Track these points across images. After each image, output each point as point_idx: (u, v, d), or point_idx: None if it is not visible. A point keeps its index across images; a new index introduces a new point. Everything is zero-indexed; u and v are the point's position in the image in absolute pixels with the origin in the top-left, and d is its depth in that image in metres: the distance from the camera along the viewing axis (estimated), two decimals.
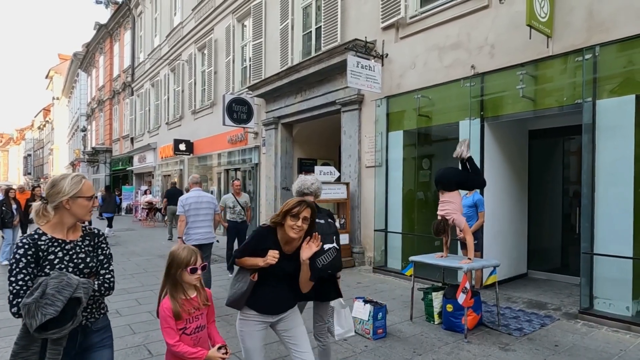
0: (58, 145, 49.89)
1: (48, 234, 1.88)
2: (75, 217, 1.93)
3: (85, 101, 32.70)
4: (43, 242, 1.85)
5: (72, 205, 1.90)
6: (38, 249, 1.82)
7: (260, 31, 11.07)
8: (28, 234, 1.88)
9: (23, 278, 1.76)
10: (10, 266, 1.77)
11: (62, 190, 1.88)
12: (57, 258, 1.86)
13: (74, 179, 1.93)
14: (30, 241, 1.82)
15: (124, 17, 23.33)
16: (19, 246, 1.79)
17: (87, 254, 1.96)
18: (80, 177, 1.96)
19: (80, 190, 1.91)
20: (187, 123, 15.69)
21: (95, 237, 2.05)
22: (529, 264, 6.91)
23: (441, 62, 6.65)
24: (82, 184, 1.93)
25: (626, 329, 4.38)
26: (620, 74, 4.70)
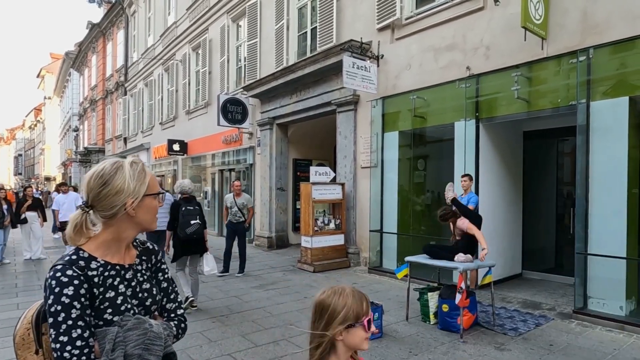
0: (49, 145, 49.40)
1: (98, 258, 1.22)
2: (139, 227, 1.29)
3: (77, 101, 32.43)
4: (95, 272, 1.19)
5: (138, 209, 1.25)
6: (91, 283, 1.17)
7: (255, 31, 11.04)
8: (66, 259, 1.17)
9: (81, 335, 1.10)
10: (53, 316, 1.10)
11: (124, 189, 1.21)
12: (120, 295, 1.22)
13: (135, 169, 1.26)
14: (78, 272, 1.14)
15: (117, 17, 23.17)
16: (62, 281, 1.11)
17: (150, 283, 1.35)
18: (141, 164, 1.29)
19: (148, 185, 1.27)
20: (181, 123, 15.60)
21: (152, 256, 1.40)
22: (524, 264, 6.95)
23: (436, 63, 6.67)
24: (147, 175, 1.28)
25: (620, 329, 4.42)
26: (613, 76, 4.75)
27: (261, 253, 9.86)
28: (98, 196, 1.21)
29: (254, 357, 3.86)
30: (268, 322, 4.83)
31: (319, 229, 7.92)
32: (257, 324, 4.77)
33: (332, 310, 1.28)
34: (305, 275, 7.32)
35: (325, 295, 1.31)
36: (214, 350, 4.02)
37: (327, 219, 8.14)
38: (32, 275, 7.47)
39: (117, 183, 1.21)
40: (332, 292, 1.33)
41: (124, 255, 1.30)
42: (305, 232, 7.83)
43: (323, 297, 1.31)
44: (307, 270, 7.65)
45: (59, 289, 1.11)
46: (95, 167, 1.25)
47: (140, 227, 1.30)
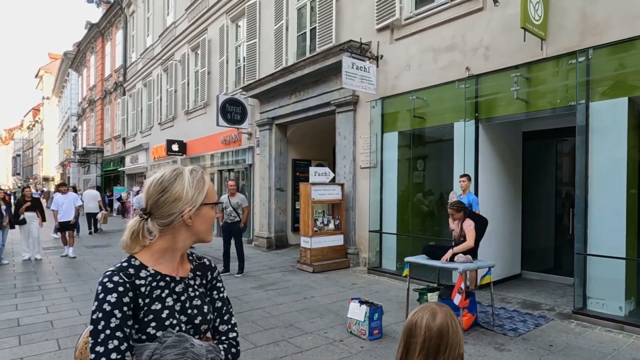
0: (48, 146, 49.35)
1: (149, 267, 1.17)
2: (195, 237, 1.24)
3: (76, 101, 32.39)
4: (143, 281, 1.13)
5: (195, 219, 1.20)
6: (137, 293, 1.11)
7: (255, 32, 11.04)
8: (117, 265, 1.15)
9: (118, 347, 1.03)
10: (94, 323, 1.05)
11: (183, 196, 1.18)
12: (166, 308, 1.15)
13: (195, 177, 1.23)
14: (125, 279, 1.10)
15: (115, 17, 23.14)
16: (107, 287, 1.07)
17: (202, 300, 1.26)
18: (200, 172, 1.26)
19: (206, 194, 1.23)
20: (180, 123, 15.59)
21: (209, 272, 1.33)
22: (523, 265, 6.96)
23: (436, 63, 6.68)
24: (206, 184, 1.24)
25: (619, 329, 4.42)
26: (613, 77, 4.75)
27: (260, 253, 9.85)
28: (156, 203, 1.18)
29: (254, 357, 3.86)
30: (267, 322, 4.83)
31: (319, 229, 7.92)
32: (256, 324, 4.77)
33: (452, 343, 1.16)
34: (304, 276, 7.32)
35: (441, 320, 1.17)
36: None
37: (327, 219, 8.14)
38: (30, 276, 7.45)
39: (175, 190, 1.18)
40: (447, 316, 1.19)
41: (177, 267, 1.23)
42: (305, 232, 7.83)
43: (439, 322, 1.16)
44: (306, 270, 7.64)
45: (103, 295, 1.06)
46: (156, 174, 1.24)
47: (196, 238, 1.24)
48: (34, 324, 4.79)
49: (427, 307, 1.20)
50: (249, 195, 11.56)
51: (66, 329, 4.61)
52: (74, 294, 6.13)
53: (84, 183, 27.52)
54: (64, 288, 6.53)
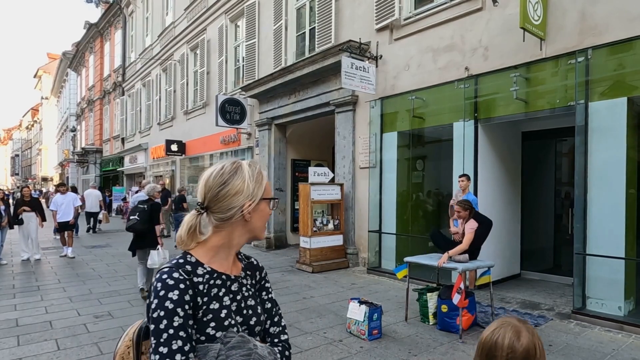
0: (47, 146, 49.30)
1: (205, 264, 1.11)
2: (251, 234, 1.19)
3: (74, 101, 32.35)
4: (201, 279, 1.08)
5: (253, 214, 1.15)
6: (196, 291, 1.06)
7: (254, 32, 11.03)
8: (173, 262, 1.09)
9: (182, 348, 0.98)
10: (155, 322, 0.99)
11: (244, 189, 1.13)
12: (224, 308, 1.10)
13: (254, 170, 1.17)
14: (185, 275, 1.05)
15: (114, 17, 23.12)
16: (167, 284, 1.02)
17: (255, 301, 1.21)
18: (258, 166, 1.21)
19: (264, 188, 1.18)
20: (179, 123, 15.58)
21: (257, 272, 1.28)
22: (522, 265, 6.96)
23: (435, 63, 6.68)
24: (264, 178, 1.20)
25: (618, 329, 4.43)
26: (612, 77, 4.76)
27: (260, 254, 9.84)
28: (216, 196, 1.12)
29: None
30: None
31: (318, 229, 7.91)
32: None
33: None
34: (304, 276, 7.31)
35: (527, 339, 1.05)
36: None
37: (326, 219, 8.14)
38: (29, 276, 7.43)
39: (236, 183, 1.12)
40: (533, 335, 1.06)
41: (230, 265, 1.18)
42: (304, 232, 7.83)
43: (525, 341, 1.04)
44: (305, 270, 7.64)
45: (164, 292, 1.00)
46: (214, 167, 1.17)
47: (251, 234, 1.19)
48: (33, 324, 4.78)
49: (508, 323, 1.06)
50: None
51: (65, 329, 4.60)
52: (73, 294, 6.12)
53: (83, 183, 27.49)
54: (63, 288, 6.51)
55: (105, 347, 4.10)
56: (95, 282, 6.96)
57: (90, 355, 3.92)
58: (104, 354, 3.94)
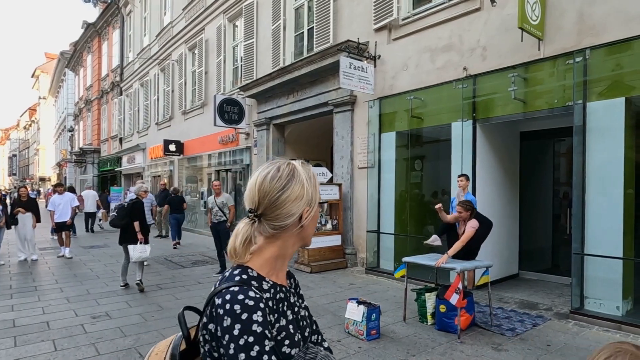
0: (44, 146, 49.19)
1: (266, 278, 1.02)
2: (302, 241, 1.10)
3: (72, 101, 32.27)
4: (268, 294, 1.00)
5: (309, 221, 1.07)
6: (267, 308, 0.97)
7: (252, 31, 11.02)
8: (237, 279, 0.97)
9: None
10: (244, 350, 0.87)
11: (303, 195, 1.03)
12: (290, 323, 1.02)
13: (308, 172, 1.07)
14: (259, 294, 0.95)
15: (112, 16, 23.07)
16: (248, 305, 0.90)
17: (306, 311, 1.15)
18: (309, 166, 1.10)
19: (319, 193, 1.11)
20: (177, 123, 15.55)
21: (292, 279, 1.19)
22: (521, 265, 6.97)
23: (433, 63, 6.68)
24: (317, 180, 1.11)
25: (616, 329, 4.43)
26: (610, 77, 4.76)
27: None
28: (274, 203, 1.01)
29: None
30: None
31: (316, 229, 7.90)
32: None
33: None
34: (302, 276, 7.30)
35: None
36: None
37: (324, 219, 8.13)
38: (27, 277, 7.41)
39: (296, 188, 1.02)
40: None
41: (281, 275, 1.09)
42: None
43: None
44: (304, 270, 7.63)
45: (247, 315, 0.88)
46: (266, 169, 1.05)
47: (303, 242, 1.09)
48: (30, 325, 4.76)
49: (625, 351, 0.86)
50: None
51: (62, 330, 4.58)
52: (70, 295, 6.10)
53: (81, 183, 27.43)
54: (60, 288, 6.49)
55: (103, 347, 4.08)
56: (92, 282, 6.94)
57: (88, 356, 3.90)
58: (101, 354, 3.93)
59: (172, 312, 5.22)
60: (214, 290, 0.95)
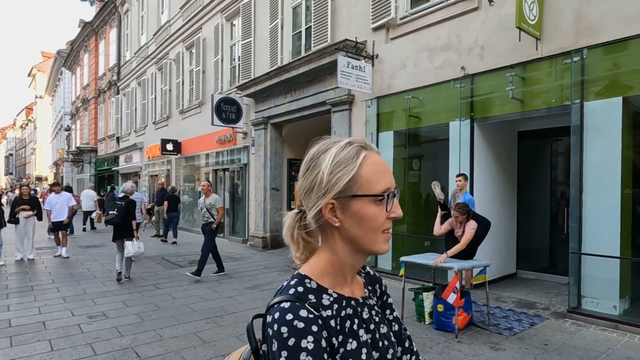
0: (41, 145, 49.00)
1: (329, 289, 0.84)
2: (352, 245, 0.85)
3: (69, 100, 32.14)
4: (329, 311, 0.81)
5: (345, 217, 0.82)
6: (328, 329, 0.79)
7: (250, 30, 10.99)
8: (291, 292, 0.81)
9: None
10: None
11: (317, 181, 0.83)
12: (362, 345, 0.83)
13: (344, 153, 0.83)
14: (314, 312, 0.78)
15: (109, 15, 22.99)
16: (296, 329, 0.74)
17: (386, 325, 0.92)
18: (355, 147, 0.84)
19: (357, 180, 0.81)
20: (175, 123, 15.51)
21: (376, 285, 0.99)
22: (518, 264, 6.98)
23: (431, 63, 6.68)
24: (358, 165, 0.82)
25: (613, 328, 4.44)
26: (607, 77, 4.77)
27: (256, 253, 9.82)
28: (301, 187, 0.86)
29: None
30: None
31: None
32: None
33: None
34: None
35: None
36: (208, 351, 3.99)
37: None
38: (23, 276, 7.37)
39: (315, 171, 0.83)
40: None
41: (351, 284, 0.89)
42: None
43: None
44: None
45: (295, 341, 0.73)
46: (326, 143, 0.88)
47: (353, 246, 0.84)
48: (26, 325, 4.73)
49: None
50: (244, 194, 11.53)
51: (58, 330, 4.56)
52: (66, 294, 6.07)
53: (78, 183, 27.33)
54: (57, 288, 6.46)
55: (99, 347, 4.07)
56: (89, 282, 6.91)
57: (84, 355, 3.88)
58: (98, 354, 3.91)
59: (169, 312, 5.21)
60: (269, 303, 0.81)
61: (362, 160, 0.81)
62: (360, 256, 0.86)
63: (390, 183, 0.83)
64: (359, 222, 0.82)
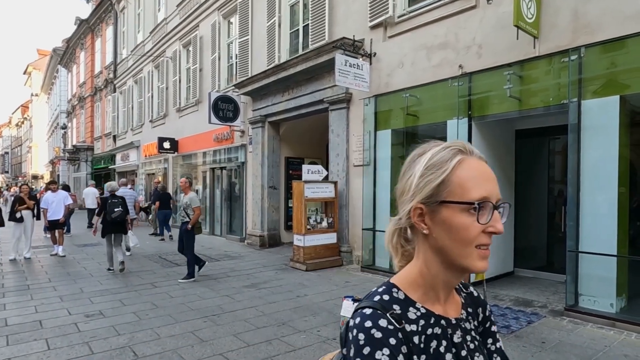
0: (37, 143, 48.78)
1: (417, 303, 0.79)
2: (442, 257, 0.78)
3: (65, 98, 32.00)
4: (414, 326, 0.76)
5: (433, 225, 0.77)
6: (410, 346, 0.73)
7: (247, 28, 10.96)
8: (376, 299, 0.77)
9: None
10: None
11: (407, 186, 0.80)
12: None
13: (440, 156, 0.78)
14: (395, 324, 0.73)
15: (105, 12, 22.88)
16: (373, 338, 0.70)
17: (483, 354, 0.84)
18: (453, 149, 0.78)
19: (447, 185, 0.76)
20: (172, 121, 15.45)
21: (479, 309, 0.90)
22: (515, 262, 6.99)
23: (429, 61, 6.67)
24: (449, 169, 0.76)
25: (610, 325, 4.46)
26: (604, 75, 4.78)
27: (253, 252, 9.80)
28: (397, 190, 0.82)
29: (246, 356, 3.82)
30: (260, 321, 4.79)
31: (312, 227, 7.89)
32: (249, 323, 4.73)
33: None
34: (297, 274, 7.29)
35: None
36: (206, 349, 3.98)
37: (320, 217, 8.12)
38: (20, 275, 7.34)
39: (409, 174, 0.80)
40: None
41: (444, 302, 0.81)
42: (298, 230, 7.80)
43: None
44: (299, 269, 7.62)
45: (370, 351, 0.69)
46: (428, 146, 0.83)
47: (443, 258, 0.77)
48: (23, 324, 4.71)
49: None
50: (242, 193, 11.51)
51: (55, 329, 4.53)
52: (63, 293, 6.04)
53: (75, 181, 27.22)
54: (54, 287, 6.43)
55: (96, 346, 4.05)
56: (86, 280, 6.88)
57: (81, 354, 3.87)
58: (95, 353, 3.89)
59: (166, 311, 5.19)
60: (356, 307, 0.77)
61: (456, 164, 0.76)
62: (453, 271, 0.78)
63: (490, 192, 0.76)
64: (448, 231, 0.75)
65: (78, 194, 20.44)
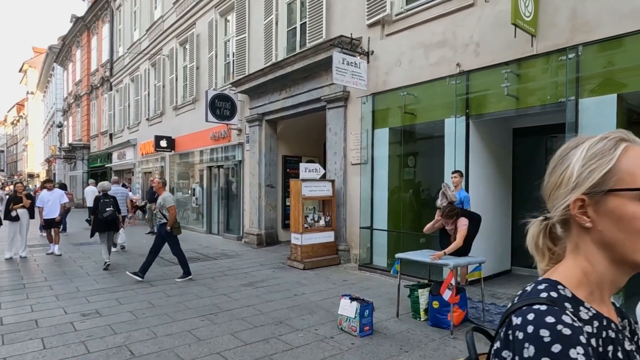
0: (33, 142, 48.52)
1: (586, 304, 0.71)
2: (608, 252, 0.72)
3: (61, 96, 31.81)
4: (589, 327, 0.68)
5: (599, 217, 0.71)
6: (590, 349, 0.63)
7: (244, 26, 10.92)
8: (543, 295, 0.70)
9: None
10: None
11: (566, 175, 0.75)
12: None
13: (601, 145, 0.73)
14: (578, 323, 0.65)
15: (101, 10, 22.75)
16: (562, 335, 0.61)
17: None
18: (614, 138, 0.73)
19: (615, 173, 0.70)
20: (169, 119, 15.40)
21: (625, 320, 0.81)
22: (513, 261, 7.01)
23: (427, 59, 6.66)
24: (617, 157, 0.71)
25: None
26: (602, 74, 4.79)
27: (250, 250, 9.78)
28: (547, 186, 0.79)
29: (244, 355, 3.81)
30: (258, 320, 4.78)
31: (309, 226, 7.88)
32: (246, 322, 4.72)
33: None
34: (295, 273, 7.28)
35: None
36: (203, 349, 3.96)
37: (317, 215, 8.11)
38: (15, 274, 7.29)
39: (563, 166, 0.75)
40: None
41: (607, 305, 0.75)
42: (295, 229, 7.79)
43: None
44: (297, 267, 7.61)
45: (561, 349, 0.60)
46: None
47: (610, 254, 0.71)
48: (18, 323, 4.68)
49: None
50: (239, 191, 11.48)
51: (51, 328, 4.51)
52: (59, 292, 6.01)
53: (71, 179, 27.09)
54: (50, 286, 6.39)
55: (93, 345, 4.02)
56: (82, 279, 6.85)
57: (77, 354, 3.84)
58: (91, 352, 3.87)
59: (163, 310, 5.17)
60: (511, 307, 0.71)
61: (622, 152, 0.70)
62: (622, 269, 0.72)
63: None
64: (617, 222, 0.69)
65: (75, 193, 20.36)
